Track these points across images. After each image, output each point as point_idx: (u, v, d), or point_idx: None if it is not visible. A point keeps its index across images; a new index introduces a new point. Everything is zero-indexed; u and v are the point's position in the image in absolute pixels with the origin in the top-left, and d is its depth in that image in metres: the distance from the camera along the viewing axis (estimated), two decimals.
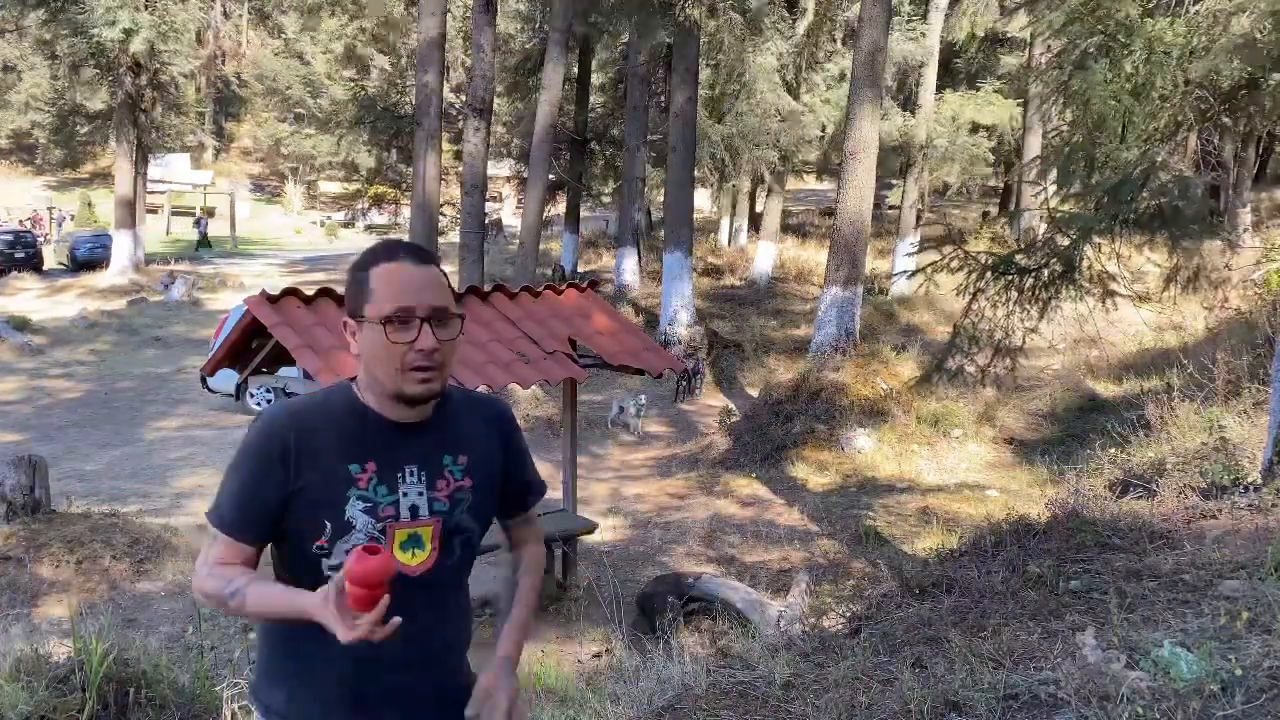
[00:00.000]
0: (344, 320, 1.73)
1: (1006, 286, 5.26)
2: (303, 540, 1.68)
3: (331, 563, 1.67)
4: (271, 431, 1.68)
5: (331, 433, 1.69)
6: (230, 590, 1.65)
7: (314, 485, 1.66)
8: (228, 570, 1.68)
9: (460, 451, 1.79)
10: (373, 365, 1.69)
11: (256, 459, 1.67)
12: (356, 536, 1.67)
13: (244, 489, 1.68)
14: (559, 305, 7.15)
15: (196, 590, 1.73)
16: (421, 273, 1.70)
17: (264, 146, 47.71)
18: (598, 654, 5.95)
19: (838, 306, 11.97)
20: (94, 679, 3.43)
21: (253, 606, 1.66)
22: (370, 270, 1.69)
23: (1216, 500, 4.95)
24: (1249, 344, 8.70)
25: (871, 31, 11.80)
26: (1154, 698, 2.62)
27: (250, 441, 1.70)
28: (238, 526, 1.69)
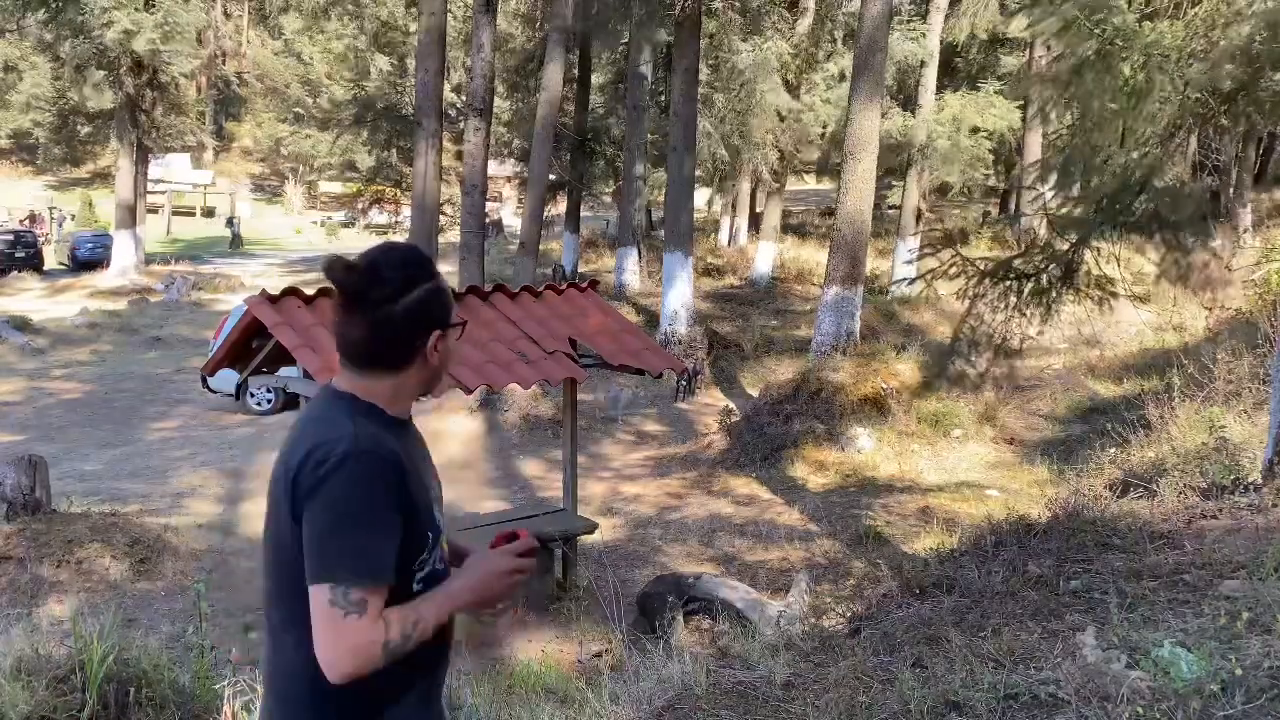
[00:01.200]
0: (435, 334, 1.74)
1: (1005, 292, 5.27)
2: (408, 561, 1.66)
3: (422, 575, 1.69)
4: (385, 465, 1.61)
5: (404, 451, 1.69)
6: (411, 623, 1.61)
7: (416, 505, 1.67)
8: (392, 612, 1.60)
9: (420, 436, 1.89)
10: (448, 369, 1.82)
11: (384, 497, 1.60)
12: (440, 538, 1.74)
13: (381, 530, 1.60)
14: (559, 305, 7.15)
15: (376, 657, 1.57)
16: None
17: (264, 146, 47.74)
18: (598, 654, 5.95)
19: (838, 306, 11.97)
20: (94, 679, 3.44)
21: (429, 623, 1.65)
22: (441, 280, 1.79)
23: (1216, 500, 4.95)
24: (1249, 344, 8.70)
25: (871, 31, 11.80)
26: (1154, 698, 2.62)
27: (368, 483, 1.59)
28: (389, 571, 1.61)
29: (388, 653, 1.57)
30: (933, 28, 18.75)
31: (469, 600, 1.70)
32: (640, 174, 19.91)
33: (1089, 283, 5.25)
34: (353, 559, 1.55)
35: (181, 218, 39.23)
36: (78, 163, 43.26)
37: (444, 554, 1.78)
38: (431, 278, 1.75)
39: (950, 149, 18.65)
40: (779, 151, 20.33)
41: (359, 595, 1.55)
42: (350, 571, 1.55)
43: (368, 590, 1.56)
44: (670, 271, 15.67)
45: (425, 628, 1.63)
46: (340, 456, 1.57)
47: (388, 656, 1.58)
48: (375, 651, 1.56)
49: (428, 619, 1.64)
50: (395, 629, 1.58)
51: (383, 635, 1.56)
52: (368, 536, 1.57)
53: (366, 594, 1.55)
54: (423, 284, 1.73)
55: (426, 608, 1.64)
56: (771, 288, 20.43)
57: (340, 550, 1.55)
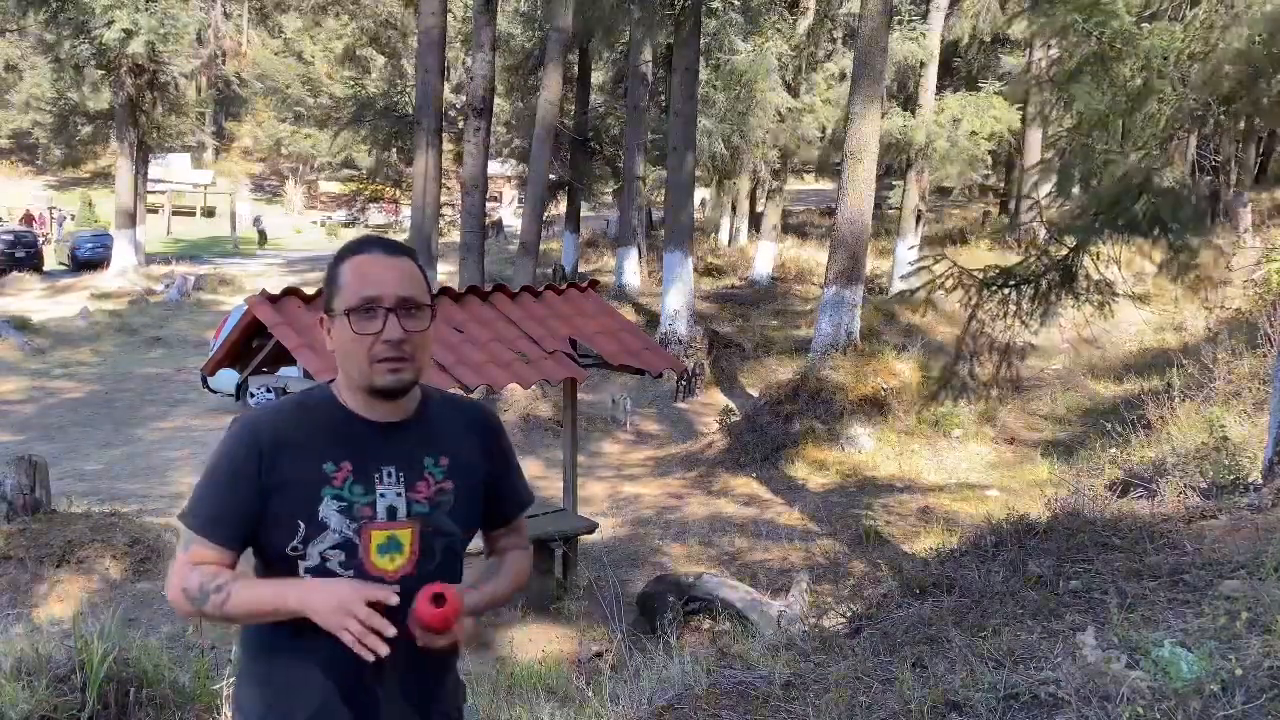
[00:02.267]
0: (319, 317, 1.73)
1: (1004, 301, 5.27)
2: (277, 543, 1.66)
3: (307, 565, 1.66)
4: (245, 432, 1.68)
5: (307, 432, 1.69)
6: (215, 584, 1.63)
7: (288, 485, 1.65)
8: (210, 569, 1.65)
9: (441, 453, 1.76)
10: (343, 359, 1.69)
11: (231, 460, 1.67)
12: (331, 537, 1.65)
13: (219, 490, 1.68)
14: (559, 305, 7.15)
15: (175, 591, 1.67)
16: (390, 263, 1.68)
17: (264, 146, 47.74)
18: (598, 654, 5.95)
19: (838, 306, 11.97)
20: (94, 679, 3.44)
21: (238, 602, 1.63)
22: (342, 264, 1.70)
23: (1216, 500, 4.95)
24: (1249, 344, 8.70)
25: (871, 31, 11.80)
26: (1154, 698, 2.62)
27: (225, 443, 1.69)
28: (212, 528, 1.67)
29: (189, 598, 1.65)
30: (933, 28, 18.75)
31: (293, 605, 1.60)
32: (640, 174, 19.90)
33: (1088, 287, 5.25)
34: (191, 503, 1.71)
35: (181, 217, 39.23)
36: (78, 163, 43.28)
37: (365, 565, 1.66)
38: (333, 263, 1.72)
39: (950, 149, 18.64)
40: (779, 151, 20.32)
41: (187, 535, 1.69)
42: (185, 512, 1.71)
43: (192, 535, 1.68)
44: (670, 271, 15.67)
45: (234, 600, 1.62)
46: (232, 420, 1.77)
47: (190, 602, 1.65)
48: (177, 587, 1.66)
49: (240, 594, 1.63)
50: (195, 579, 1.65)
51: (182, 580, 1.66)
52: (204, 490, 1.70)
53: (192, 539, 1.68)
54: (329, 269, 1.73)
55: (249, 586, 1.65)
56: (771, 288, 20.42)
57: (193, 493, 1.72)
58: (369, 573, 1.67)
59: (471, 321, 6.55)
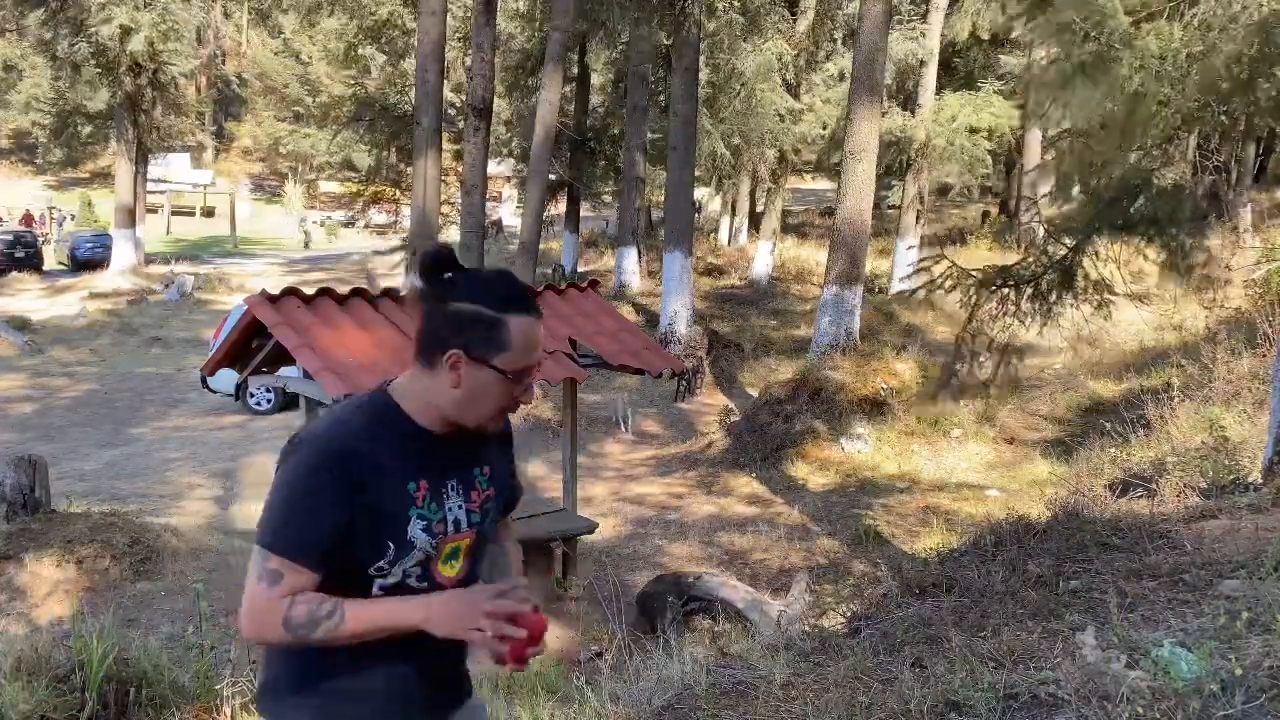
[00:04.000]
0: (453, 352, 1.66)
1: (1003, 300, 5.27)
2: (360, 562, 1.65)
3: (386, 582, 1.68)
4: (330, 454, 1.63)
5: (388, 451, 1.67)
6: (324, 611, 1.60)
7: (379, 507, 1.64)
8: (310, 595, 1.62)
9: (484, 462, 1.83)
10: (476, 405, 1.70)
11: (319, 482, 1.61)
12: (415, 555, 1.69)
13: (310, 514, 1.61)
14: (559, 305, 7.15)
15: (267, 626, 1.61)
16: (541, 329, 1.76)
17: (264, 146, 47.74)
18: (598, 654, 5.95)
19: (838, 306, 11.97)
20: (94, 679, 3.43)
21: (351, 629, 1.61)
22: (509, 318, 1.68)
23: (1216, 500, 4.95)
24: (1249, 344, 8.70)
25: (871, 31, 11.80)
26: (1154, 697, 2.62)
27: (307, 465, 1.63)
28: (308, 553, 1.62)
29: (290, 629, 1.60)
30: (932, 28, 18.75)
31: (414, 621, 1.63)
32: (640, 174, 19.90)
33: (1087, 286, 5.25)
34: (276, 531, 1.62)
35: (181, 217, 39.23)
36: (77, 163, 43.27)
37: (435, 575, 1.72)
38: (495, 308, 1.67)
39: (949, 149, 18.65)
40: (779, 151, 20.32)
41: (274, 565, 1.61)
42: (271, 540, 1.62)
43: (283, 563, 1.61)
44: (670, 271, 15.67)
45: (346, 624, 1.60)
46: (303, 439, 1.67)
47: (291, 633, 1.60)
48: (274, 621, 1.60)
49: (355, 618, 1.61)
50: (301, 609, 1.60)
51: (284, 611, 1.60)
52: (293, 517, 1.62)
53: (282, 567, 1.61)
54: (482, 305, 1.67)
55: (360, 608, 1.62)
56: (771, 287, 20.43)
57: (270, 521, 1.63)
58: (438, 582, 1.74)
59: None
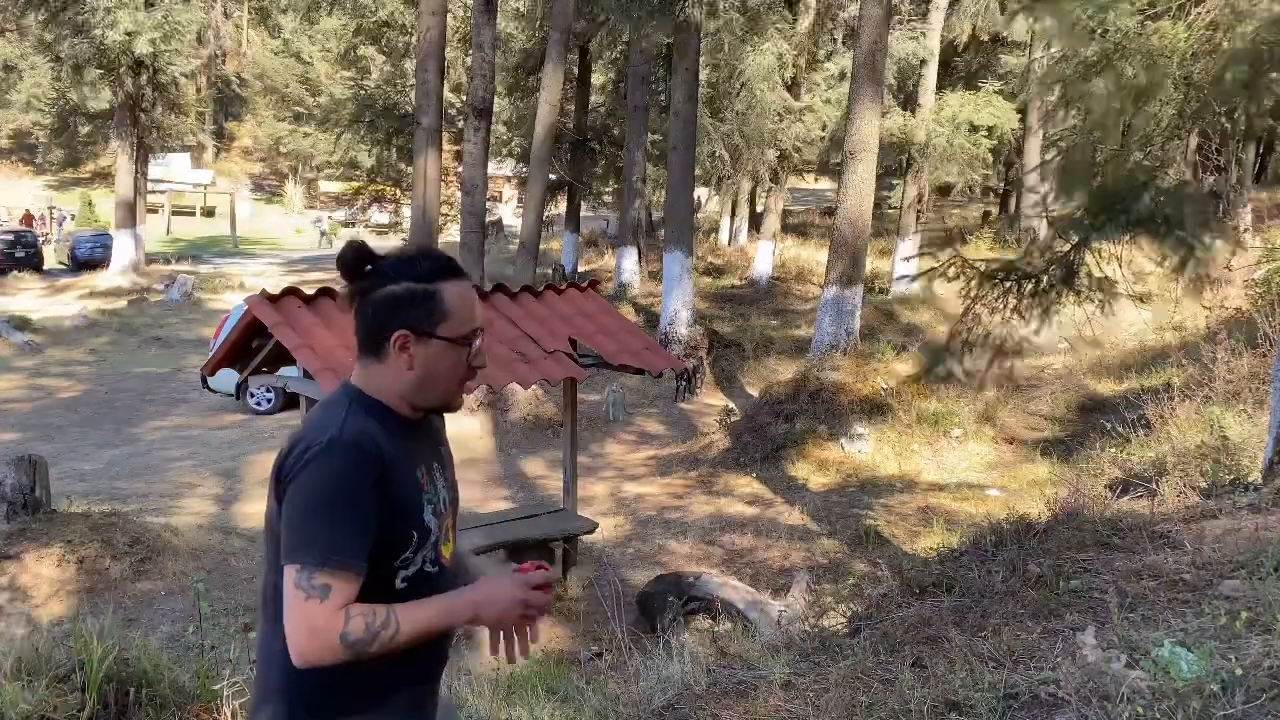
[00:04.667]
0: (399, 334, 1.69)
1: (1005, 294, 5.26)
2: (388, 556, 1.65)
3: (408, 572, 1.68)
4: (362, 455, 1.61)
5: (395, 444, 1.68)
6: (380, 622, 1.58)
7: (401, 499, 1.66)
8: (360, 607, 1.59)
9: (442, 441, 1.88)
10: (435, 381, 1.73)
11: (357, 486, 1.60)
12: (430, 539, 1.71)
13: (357, 518, 1.60)
14: (559, 305, 7.15)
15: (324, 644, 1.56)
16: (475, 291, 1.78)
17: (264, 146, 47.74)
18: (598, 654, 5.95)
19: (838, 306, 11.97)
20: (94, 679, 3.43)
21: (405, 635, 1.60)
22: (441, 286, 1.70)
23: (1216, 500, 4.95)
24: (1249, 344, 8.69)
25: (871, 31, 11.80)
26: (1154, 697, 2.62)
27: (340, 470, 1.60)
28: (360, 561, 1.60)
29: (348, 645, 1.56)
30: (933, 27, 18.75)
31: (466, 617, 1.65)
32: (640, 174, 19.90)
33: (1090, 284, 5.24)
34: (320, 543, 1.57)
35: (181, 217, 39.23)
36: (77, 163, 43.26)
37: (440, 557, 1.74)
38: (420, 279, 1.69)
39: (950, 148, 18.65)
40: (779, 151, 20.32)
41: (323, 580, 1.56)
42: (317, 555, 1.56)
43: (332, 575, 1.56)
44: (670, 271, 15.67)
45: (402, 632, 1.59)
46: (323, 445, 1.61)
47: (349, 650, 1.56)
48: (333, 639, 1.55)
49: (409, 623, 1.60)
50: (358, 623, 1.56)
51: (341, 625, 1.55)
52: (337, 523, 1.58)
53: (331, 579, 1.56)
54: (410, 281, 1.69)
55: (411, 612, 1.61)
56: (771, 287, 20.43)
57: (310, 534, 1.57)
58: (444, 565, 1.77)
59: None
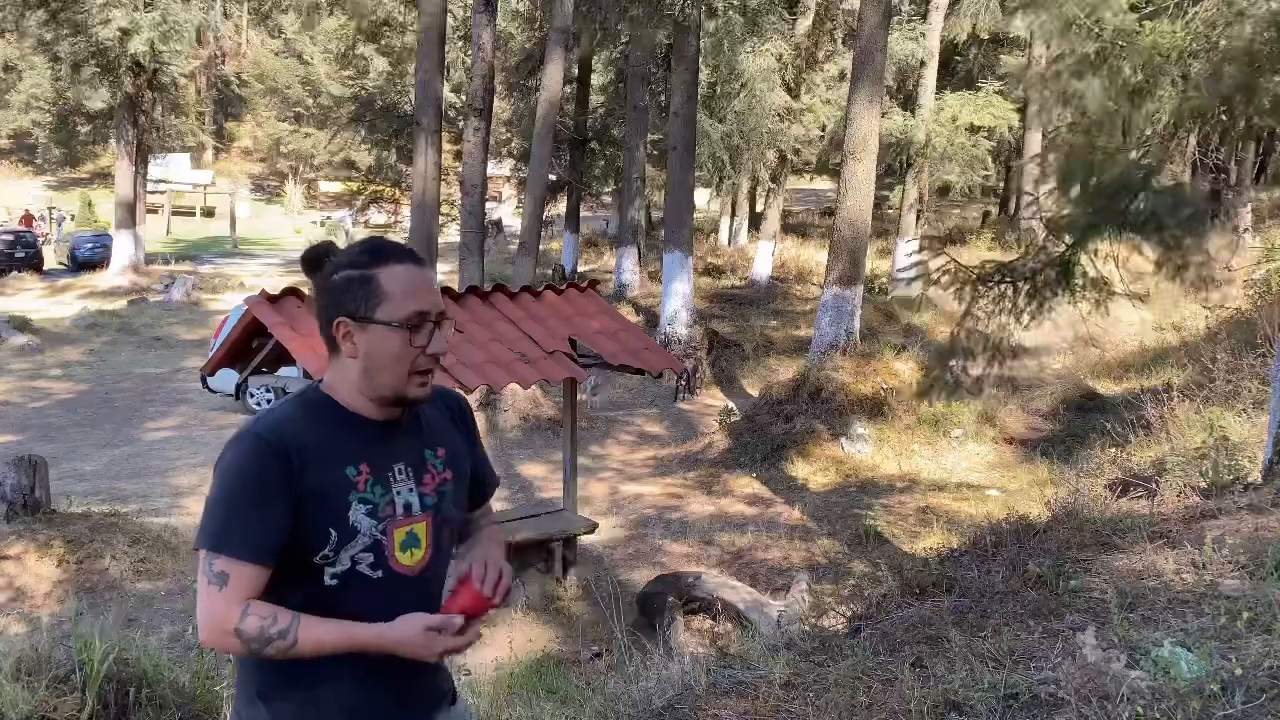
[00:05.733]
0: (338, 321, 1.68)
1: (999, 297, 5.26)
2: (305, 552, 1.63)
3: (335, 570, 1.65)
4: (264, 445, 1.62)
5: (322, 438, 1.66)
6: (277, 630, 1.58)
7: (317, 494, 1.62)
8: (262, 608, 1.59)
9: (438, 444, 1.80)
10: (379, 369, 1.67)
11: (256, 475, 1.60)
12: (361, 540, 1.66)
13: (250, 509, 1.60)
14: (559, 305, 7.15)
15: (219, 634, 1.59)
16: (426, 275, 1.72)
17: (264, 146, 47.73)
18: (598, 654, 5.95)
19: (838, 306, 11.97)
20: (94, 679, 3.43)
21: (304, 649, 1.59)
22: (378, 270, 1.67)
23: (1216, 500, 4.95)
24: (1249, 344, 8.69)
25: (871, 31, 11.80)
26: (1154, 697, 2.62)
27: (241, 459, 1.62)
28: (253, 550, 1.59)
29: (243, 641, 1.58)
30: (932, 27, 18.76)
31: (373, 647, 1.63)
32: (640, 174, 19.90)
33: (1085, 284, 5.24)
34: (217, 531, 1.60)
35: (181, 218, 39.23)
36: (77, 163, 43.25)
37: (389, 562, 1.68)
38: (361, 266, 1.67)
39: (949, 149, 18.65)
40: (779, 151, 20.33)
41: (220, 567, 1.58)
42: (214, 542, 1.59)
43: (228, 564, 1.58)
44: (670, 271, 15.67)
45: (300, 644, 1.58)
46: (235, 436, 1.65)
47: (244, 645, 1.58)
48: (228, 630, 1.58)
49: (310, 639, 1.59)
50: (253, 622, 1.57)
51: (237, 619, 1.57)
52: (235, 513, 1.60)
53: (227, 568, 1.58)
54: (348, 270, 1.68)
55: (315, 628, 1.60)
56: (771, 288, 20.43)
57: (210, 520, 1.61)
58: (395, 570, 1.70)
59: (471, 321, 6.55)
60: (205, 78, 45.19)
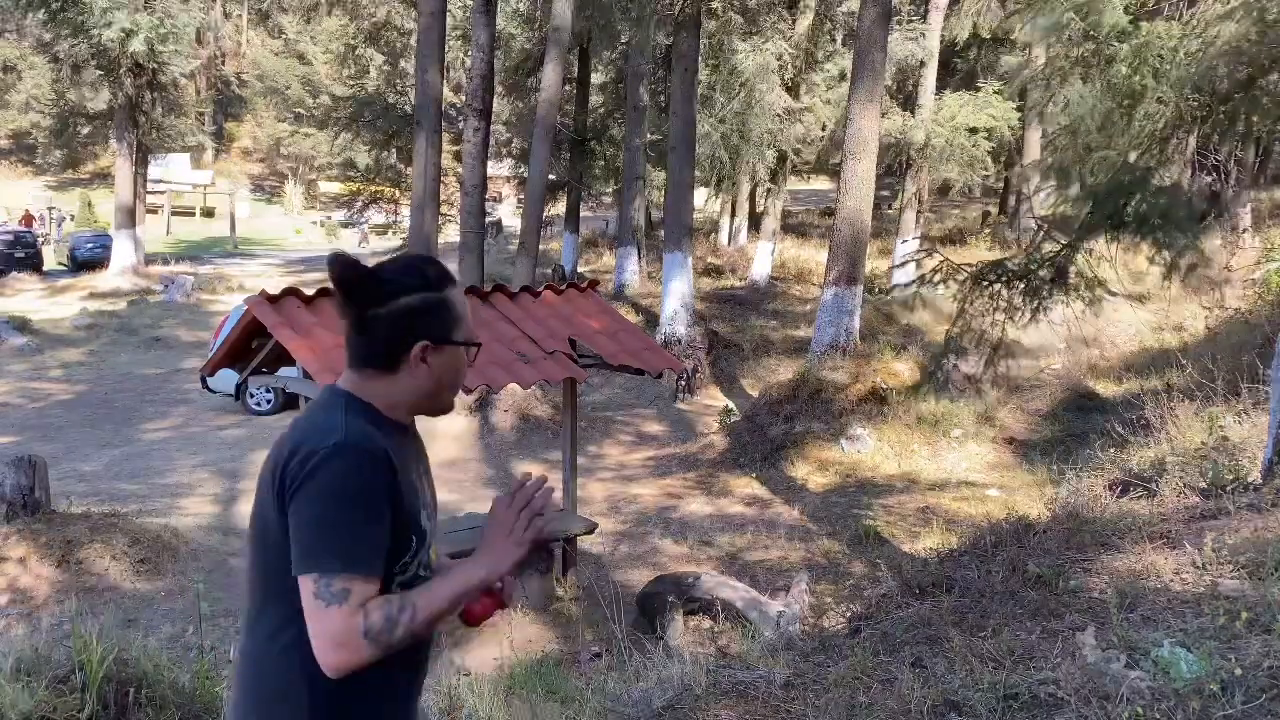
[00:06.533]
0: (421, 344, 1.69)
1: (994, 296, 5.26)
2: (392, 561, 1.65)
3: (404, 578, 1.68)
4: (374, 460, 1.61)
5: (395, 449, 1.68)
6: (396, 608, 1.59)
7: (404, 504, 1.66)
8: (377, 601, 1.60)
9: (422, 445, 1.89)
10: (450, 386, 1.77)
11: (371, 491, 1.60)
12: (426, 543, 1.72)
13: (369, 524, 1.60)
14: (559, 305, 7.15)
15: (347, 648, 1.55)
16: None
17: (264, 146, 47.75)
18: (598, 654, 5.95)
19: (837, 306, 11.97)
20: (94, 679, 3.43)
21: (424, 616, 1.61)
22: (449, 293, 1.74)
23: (1216, 500, 4.95)
24: (1249, 344, 8.69)
25: (870, 30, 11.80)
26: (1154, 698, 2.62)
27: (354, 475, 1.59)
28: (375, 562, 1.61)
29: (372, 639, 1.55)
30: (932, 27, 18.76)
31: (480, 577, 1.66)
32: (640, 174, 19.90)
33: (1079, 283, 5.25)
34: (337, 549, 1.56)
35: (181, 218, 39.23)
36: (77, 163, 43.26)
37: (430, 561, 1.76)
38: (431, 289, 1.72)
39: (949, 149, 18.65)
40: (779, 151, 20.33)
41: (342, 585, 1.55)
42: (334, 561, 1.56)
43: (352, 580, 1.56)
44: (670, 271, 15.67)
45: (420, 612, 1.60)
46: (330, 449, 1.58)
47: (374, 644, 1.56)
48: (357, 639, 1.55)
49: (425, 601, 1.62)
50: (377, 615, 1.57)
51: (362, 623, 1.55)
52: (353, 527, 1.57)
53: (350, 583, 1.56)
54: (417, 292, 1.70)
55: (420, 593, 1.63)
56: (771, 288, 20.43)
57: (325, 540, 1.56)
58: (431, 569, 1.78)
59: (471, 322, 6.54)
60: (205, 78, 45.19)
